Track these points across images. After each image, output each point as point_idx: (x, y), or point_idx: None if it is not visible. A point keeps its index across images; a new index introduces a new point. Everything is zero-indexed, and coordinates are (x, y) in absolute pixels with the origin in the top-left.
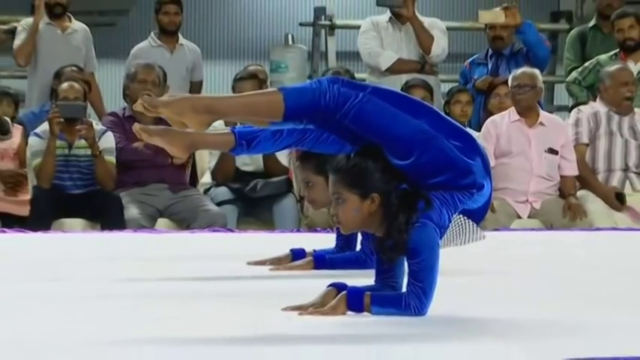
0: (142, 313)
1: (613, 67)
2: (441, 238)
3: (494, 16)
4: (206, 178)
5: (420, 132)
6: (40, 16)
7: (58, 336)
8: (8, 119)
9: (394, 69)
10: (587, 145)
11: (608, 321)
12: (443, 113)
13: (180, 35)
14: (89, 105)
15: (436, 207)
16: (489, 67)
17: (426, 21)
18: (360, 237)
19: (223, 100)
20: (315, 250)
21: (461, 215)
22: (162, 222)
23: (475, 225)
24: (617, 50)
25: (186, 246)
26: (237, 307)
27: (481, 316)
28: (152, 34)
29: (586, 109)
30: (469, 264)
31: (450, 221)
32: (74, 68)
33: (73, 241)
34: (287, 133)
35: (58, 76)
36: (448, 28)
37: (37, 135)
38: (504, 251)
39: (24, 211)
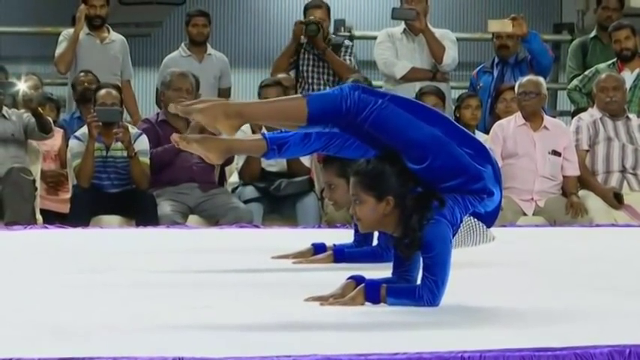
0: (175, 301)
1: (601, 76)
2: (453, 235)
3: (503, 25)
4: (234, 178)
5: (433, 138)
6: (81, 28)
7: (95, 322)
8: (50, 120)
9: (408, 77)
10: (587, 151)
11: (606, 309)
12: (453, 119)
13: (208, 45)
14: (125, 110)
15: (449, 206)
16: (495, 74)
17: (438, 32)
18: (376, 233)
19: (252, 106)
20: (335, 245)
21: (471, 217)
22: (192, 218)
23: (485, 227)
24: (615, 59)
25: (215, 241)
26: (262, 297)
27: (488, 305)
28: (183, 44)
29: (586, 117)
30: (477, 257)
31: (461, 220)
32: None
33: (110, 236)
34: (315, 138)
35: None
36: (458, 39)
37: (76, 138)
38: (510, 245)
39: (64, 208)
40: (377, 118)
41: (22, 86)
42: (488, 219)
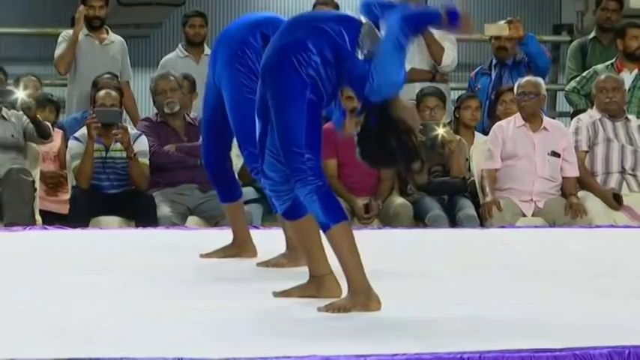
0: (174, 302)
1: (600, 76)
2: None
3: (499, 29)
4: None
5: None
6: (80, 28)
7: (95, 323)
8: (49, 124)
9: (408, 78)
10: (587, 152)
11: (606, 310)
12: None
13: (205, 46)
14: (124, 111)
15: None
16: (493, 76)
17: (437, 33)
18: None
19: (359, 270)
20: None
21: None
22: (192, 219)
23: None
24: (614, 60)
25: (214, 242)
26: (262, 298)
27: (487, 306)
28: (180, 45)
29: (585, 118)
30: (476, 258)
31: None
32: (108, 75)
33: (110, 237)
34: None
35: (95, 84)
36: (457, 40)
37: (76, 139)
38: (509, 246)
39: (64, 209)
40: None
41: (21, 94)
42: None
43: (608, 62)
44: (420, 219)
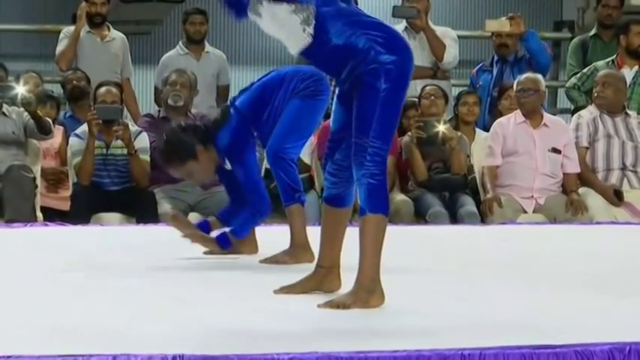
0: (175, 299)
1: (601, 73)
2: None
3: (500, 25)
4: None
5: None
6: (82, 25)
7: (96, 320)
8: (50, 120)
9: None
10: (587, 148)
11: (607, 306)
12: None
13: (206, 43)
14: (125, 108)
15: None
16: (494, 73)
17: (439, 30)
18: None
19: (374, 264)
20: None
21: None
22: (193, 216)
23: None
24: (614, 57)
25: None
26: (263, 295)
27: (487, 302)
28: (180, 42)
29: (586, 115)
30: (477, 254)
31: None
32: (70, 71)
33: (111, 234)
34: None
35: (63, 85)
36: (459, 37)
37: (77, 136)
38: (510, 243)
39: (65, 206)
40: None
41: (21, 89)
42: None
43: (609, 59)
44: (420, 215)
